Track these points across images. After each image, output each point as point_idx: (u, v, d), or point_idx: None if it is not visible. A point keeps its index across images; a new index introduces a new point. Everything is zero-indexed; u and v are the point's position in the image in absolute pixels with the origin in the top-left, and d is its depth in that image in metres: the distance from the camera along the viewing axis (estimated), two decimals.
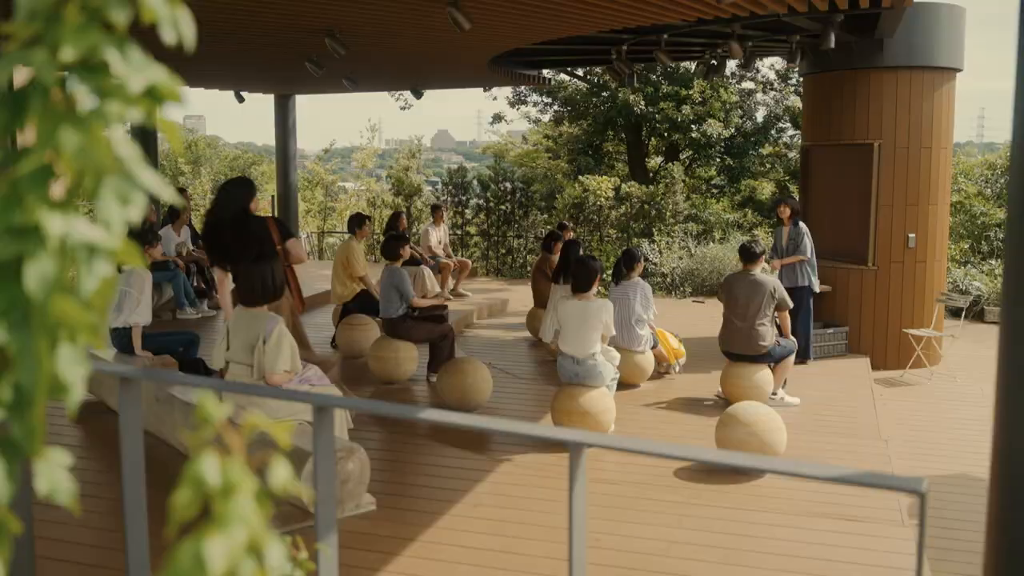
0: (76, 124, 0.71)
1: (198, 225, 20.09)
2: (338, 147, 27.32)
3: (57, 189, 0.72)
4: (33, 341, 0.71)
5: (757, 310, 7.62)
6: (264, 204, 22.93)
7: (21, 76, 0.72)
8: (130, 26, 0.73)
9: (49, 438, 6.24)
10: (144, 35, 0.82)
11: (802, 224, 9.50)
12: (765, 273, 7.93)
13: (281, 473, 0.81)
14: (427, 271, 10.72)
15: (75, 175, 0.71)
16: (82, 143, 0.70)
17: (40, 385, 0.71)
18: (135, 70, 0.73)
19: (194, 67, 12.23)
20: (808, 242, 9.40)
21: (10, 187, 0.71)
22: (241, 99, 15.11)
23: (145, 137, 13.75)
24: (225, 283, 6.65)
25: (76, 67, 0.71)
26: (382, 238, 9.85)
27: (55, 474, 0.76)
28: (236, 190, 6.59)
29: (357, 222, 9.68)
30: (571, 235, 10.93)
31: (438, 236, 12.65)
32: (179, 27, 0.74)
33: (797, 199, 9.78)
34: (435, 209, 12.94)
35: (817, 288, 9.57)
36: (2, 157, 0.72)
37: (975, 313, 13.43)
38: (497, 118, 26.20)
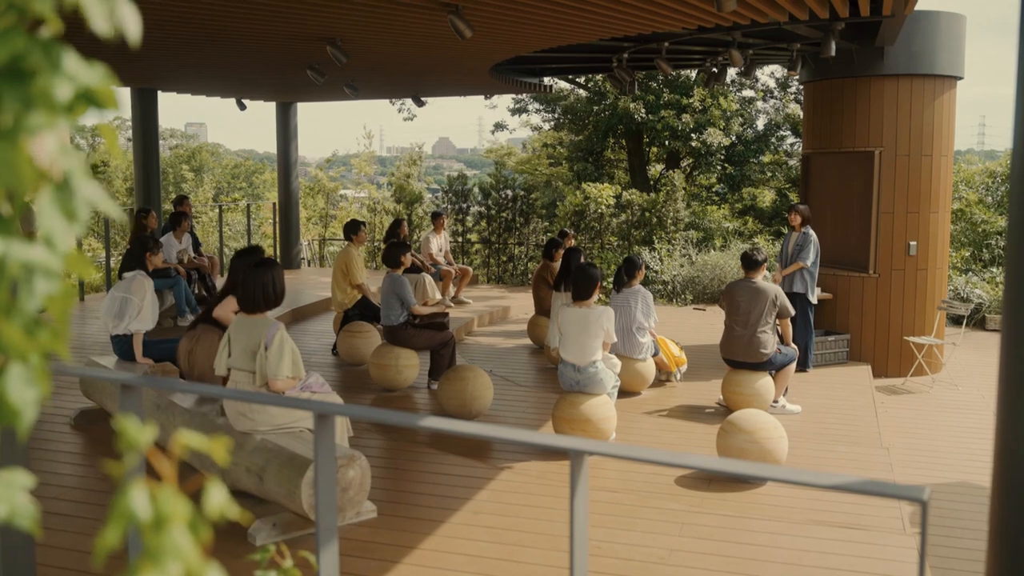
0: (2, 140, 0.66)
1: (200, 232, 20.14)
2: (338, 154, 27.38)
3: None
4: None
5: (759, 318, 7.62)
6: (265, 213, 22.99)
7: None
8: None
9: (49, 445, 6.25)
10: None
11: (811, 232, 9.47)
12: (767, 281, 7.93)
13: (216, 497, 0.76)
14: (428, 278, 10.73)
15: (6, 192, 0.67)
16: (8, 161, 0.66)
17: None
18: (65, 75, 0.68)
19: (196, 75, 12.26)
20: (812, 251, 9.38)
21: None
22: (243, 107, 15.14)
23: (147, 142, 13.77)
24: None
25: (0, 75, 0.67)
26: (383, 245, 9.84)
27: (14, 497, 0.72)
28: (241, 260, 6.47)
29: (353, 228, 9.66)
30: (572, 242, 10.93)
31: (439, 244, 12.66)
32: (116, 16, 0.69)
33: (808, 207, 9.74)
34: (435, 217, 12.93)
35: (814, 299, 9.55)
36: None
37: (976, 321, 13.42)
38: (499, 127, 26.31)
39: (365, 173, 26.48)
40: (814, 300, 9.57)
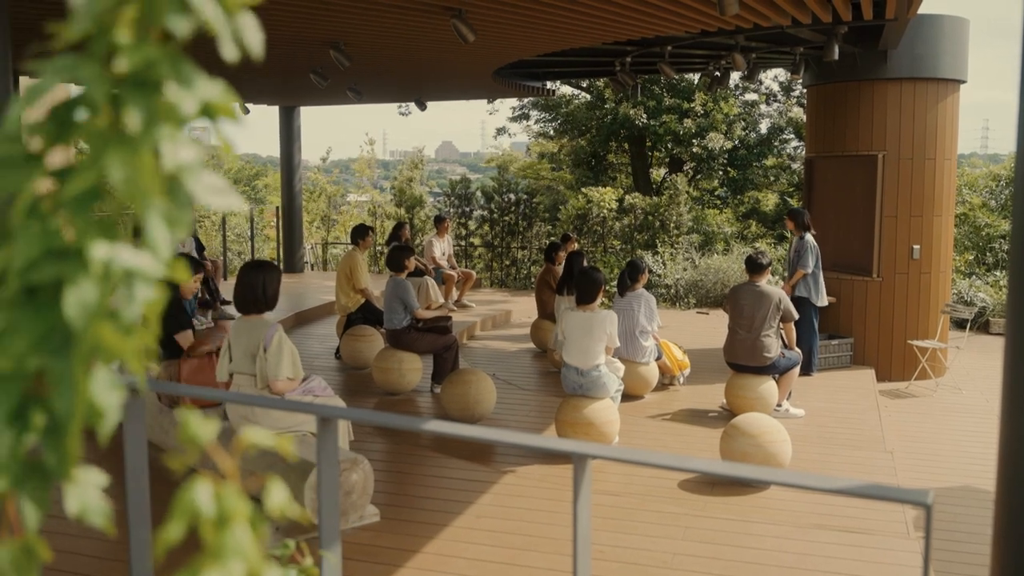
0: (125, 147, 0.67)
1: (203, 236, 20.17)
2: (341, 158, 27.48)
3: (102, 211, 0.69)
4: (71, 367, 0.68)
5: (763, 321, 7.61)
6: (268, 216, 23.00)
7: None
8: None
9: None
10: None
11: (808, 237, 9.47)
12: (771, 284, 7.93)
13: (277, 496, 0.76)
14: (431, 282, 10.72)
15: (121, 199, 0.68)
16: (130, 169, 0.67)
17: (77, 412, 0.68)
18: (189, 87, 0.69)
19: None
20: (811, 256, 9.38)
21: (53, 209, 0.68)
22: (246, 111, 15.16)
23: None
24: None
25: (127, 83, 0.68)
26: (384, 249, 9.85)
27: (87, 494, 0.73)
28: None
29: (360, 233, 9.68)
30: (575, 246, 10.92)
31: (442, 248, 12.64)
32: (242, 37, 0.70)
33: (805, 211, 9.74)
34: (439, 220, 12.90)
35: (819, 302, 9.54)
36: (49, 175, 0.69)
37: (980, 324, 13.40)
38: (500, 131, 26.35)
39: (367, 177, 26.50)
40: (822, 303, 9.57)
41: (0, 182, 0.68)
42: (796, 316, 7.90)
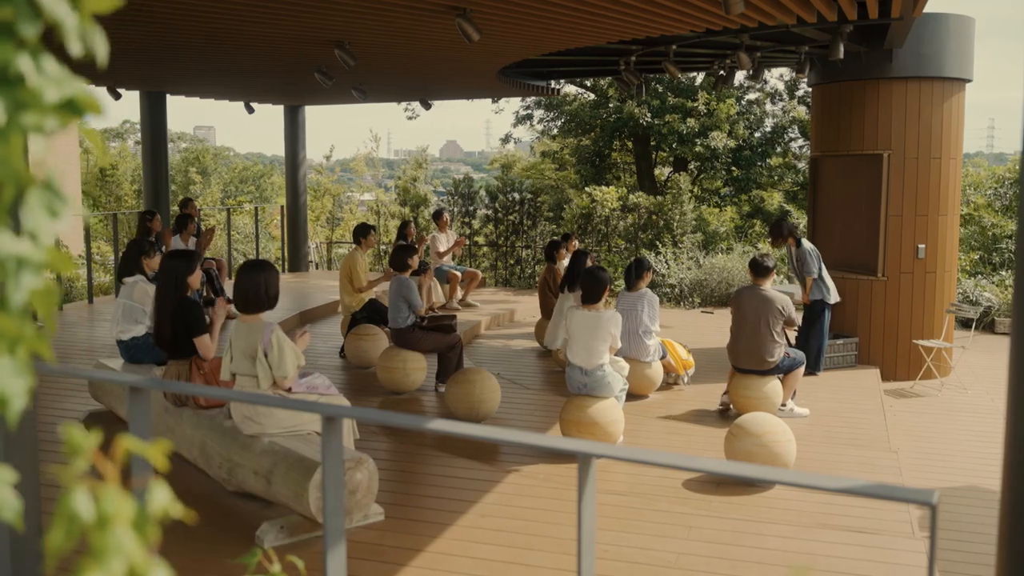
0: None
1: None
2: (345, 157, 27.56)
3: None
4: None
5: (766, 326, 7.59)
6: (274, 215, 23.03)
7: None
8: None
9: (58, 447, 6.26)
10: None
11: (805, 244, 9.49)
12: (775, 288, 7.91)
13: (159, 496, 0.78)
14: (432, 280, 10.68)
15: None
16: (2, 153, 0.70)
17: None
18: (51, 82, 0.73)
19: (205, 78, 12.30)
20: (813, 262, 9.40)
21: None
22: (251, 110, 15.17)
23: (155, 145, 13.82)
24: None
25: None
26: (389, 249, 9.84)
27: (1, 491, 0.75)
28: (176, 263, 5.91)
29: (362, 232, 9.69)
30: (575, 244, 10.91)
31: (446, 243, 12.60)
32: (88, 40, 0.74)
33: (784, 221, 9.78)
34: (437, 216, 12.86)
35: (832, 300, 9.57)
36: None
37: (985, 324, 13.37)
38: (506, 140, 26.46)
39: (370, 175, 26.52)
40: (835, 299, 9.62)
41: None
42: (798, 323, 7.92)
